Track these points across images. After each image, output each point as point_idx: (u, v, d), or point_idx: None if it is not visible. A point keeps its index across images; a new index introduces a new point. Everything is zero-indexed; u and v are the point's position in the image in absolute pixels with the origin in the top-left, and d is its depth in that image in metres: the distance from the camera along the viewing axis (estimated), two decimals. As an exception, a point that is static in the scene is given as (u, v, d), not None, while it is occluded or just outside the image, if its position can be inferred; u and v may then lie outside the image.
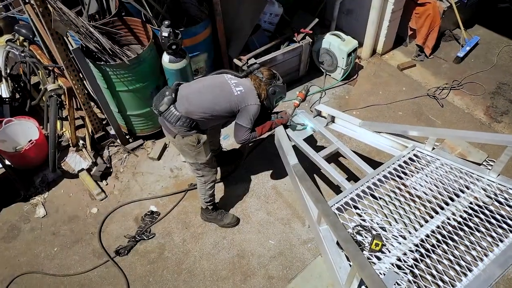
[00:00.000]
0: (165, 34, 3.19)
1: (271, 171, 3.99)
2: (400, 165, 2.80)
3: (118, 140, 4.25)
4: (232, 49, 4.19)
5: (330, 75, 4.87)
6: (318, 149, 3.13)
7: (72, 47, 3.15)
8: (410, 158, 2.86)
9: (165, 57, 3.49)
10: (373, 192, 2.61)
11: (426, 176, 2.70)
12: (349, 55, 4.46)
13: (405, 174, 2.72)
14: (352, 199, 2.59)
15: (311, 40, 4.42)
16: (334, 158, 3.92)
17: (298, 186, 2.79)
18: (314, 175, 3.87)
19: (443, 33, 5.37)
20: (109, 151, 4.30)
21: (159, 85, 3.81)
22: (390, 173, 2.76)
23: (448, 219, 2.41)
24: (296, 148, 3.11)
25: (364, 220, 2.45)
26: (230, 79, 2.92)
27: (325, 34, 4.64)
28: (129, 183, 4.00)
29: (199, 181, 3.23)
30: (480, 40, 5.32)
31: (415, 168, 2.80)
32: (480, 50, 5.26)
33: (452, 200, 2.50)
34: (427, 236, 2.34)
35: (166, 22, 3.17)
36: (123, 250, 3.43)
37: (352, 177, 3.87)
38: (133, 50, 3.83)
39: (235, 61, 4.11)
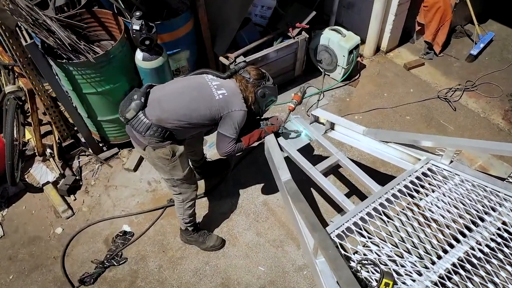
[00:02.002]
0: (136, 27, 2.85)
1: (262, 184, 3.67)
2: (412, 182, 2.46)
3: (90, 149, 3.87)
4: (218, 46, 3.85)
5: (329, 75, 4.62)
6: (315, 159, 2.77)
7: (26, 42, 2.77)
8: (423, 173, 2.52)
9: (139, 54, 3.15)
10: (381, 215, 2.26)
11: (444, 195, 2.36)
12: (350, 52, 4.20)
13: (418, 192, 2.39)
14: (355, 223, 2.25)
15: (307, 36, 4.12)
16: (334, 168, 3.55)
17: (291, 207, 2.43)
18: (311, 188, 3.54)
19: (454, 29, 5.11)
20: (79, 161, 3.95)
21: (134, 87, 3.41)
22: (400, 191, 2.42)
23: (473, 249, 2.06)
24: (290, 160, 2.77)
25: (370, 251, 2.09)
26: (211, 80, 2.56)
27: (324, 29, 4.36)
28: (101, 198, 3.66)
29: (177, 199, 2.88)
30: (495, 36, 5.04)
31: (430, 185, 2.46)
32: (495, 47, 4.99)
33: (476, 225, 2.17)
34: (448, 271, 2.00)
35: (138, 13, 2.83)
36: (88, 278, 3.08)
37: (355, 191, 3.54)
38: (104, 47, 3.47)
39: (221, 59, 3.77)
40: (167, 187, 3.11)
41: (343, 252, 1.99)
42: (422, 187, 2.43)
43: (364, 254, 2.02)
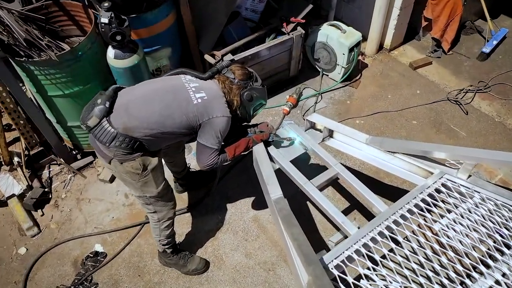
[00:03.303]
0: (104, 20, 2.55)
1: (253, 198, 3.38)
2: (424, 200, 2.19)
3: (61, 158, 3.56)
4: (203, 43, 3.55)
5: (327, 75, 4.40)
6: (313, 169, 2.47)
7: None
8: (437, 190, 2.25)
9: (110, 52, 2.86)
10: (388, 241, 1.97)
11: (462, 216, 2.08)
12: (350, 50, 3.96)
13: (431, 213, 2.10)
14: (357, 251, 1.98)
15: (303, 32, 3.84)
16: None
17: (282, 230, 2.12)
18: (308, 202, 3.25)
19: (463, 25, 4.88)
20: (49, 171, 3.63)
21: (108, 88, 3.13)
22: (410, 211, 2.15)
23: (498, 283, 1.79)
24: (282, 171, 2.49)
25: (376, 286, 1.79)
26: (189, 81, 2.26)
27: (322, 25, 4.12)
28: (71, 214, 3.37)
29: (152, 218, 2.59)
30: (509, 32, 4.80)
31: (445, 203, 2.18)
32: (509, 44, 4.74)
33: (502, 253, 1.89)
34: (470, 313, 1.70)
35: (106, 4, 2.53)
36: (52, 307, 2.74)
37: (357, 205, 3.27)
38: (74, 43, 3.15)
39: (207, 57, 3.47)
40: (140, 205, 2.79)
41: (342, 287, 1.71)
42: (436, 206, 2.15)
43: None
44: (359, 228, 2.89)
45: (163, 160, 3.21)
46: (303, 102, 4.11)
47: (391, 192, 3.32)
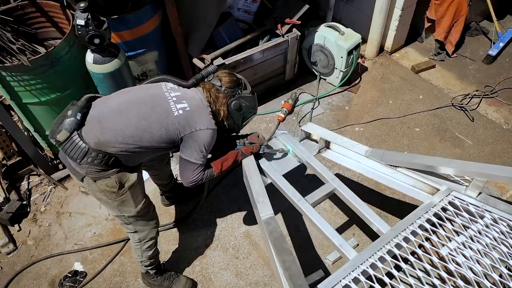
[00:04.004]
0: (80, 22, 2.39)
1: (245, 212, 3.21)
2: (429, 221, 2.02)
3: (40, 169, 3.38)
4: (192, 45, 3.39)
5: (325, 80, 4.28)
6: (309, 180, 2.30)
7: None
8: (443, 209, 2.07)
9: (89, 56, 2.70)
10: (390, 267, 1.80)
11: (472, 240, 1.90)
12: (349, 53, 3.84)
13: (437, 234, 1.94)
14: (355, 279, 1.78)
15: (299, 34, 3.69)
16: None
17: (272, 254, 1.95)
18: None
19: (468, 26, 4.77)
20: (28, 183, 3.45)
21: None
22: (414, 233, 1.98)
23: None
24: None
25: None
26: (170, 90, 2.08)
27: (319, 26, 3.98)
28: (51, 229, 3.20)
29: (132, 238, 2.42)
30: None
31: (453, 224, 2.00)
32: (517, 47, 4.63)
33: None
34: None
35: (82, 5, 2.35)
36: (25, 334, 2.56)
37: (355, 219, 3.11)
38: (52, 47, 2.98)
39: (195, 61, 3.31)
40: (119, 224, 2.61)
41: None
42: (443, 227, 1.98)
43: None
44: (358, 244, 2.72)
45: (146, 174, 3.05)
46: (299, 108, 3.97)
47: (393, 205, 3.18)
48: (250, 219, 3.14)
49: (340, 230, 3.07)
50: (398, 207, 3.15)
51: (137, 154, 2.04)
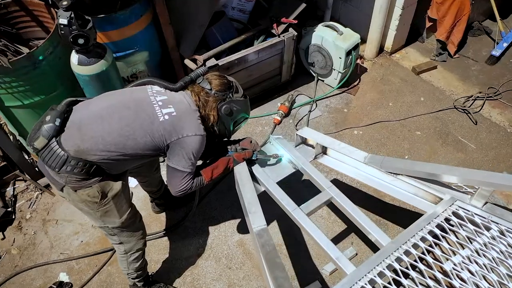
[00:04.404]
0: (63, 21, 2.28)
1: (238, 219, 3.11)
2: (432, 233, 1.93)
3: (26, 174, 3.27)
4: (184, 46, 3.29)
5: (323, 81, 4.21)
6: (305, 185, 2.20)
7: None
8: (447, 219, 1.98)
9: (73, 57, 2.59)
10: (390, 284, 1.70)
11: (478, 253, 1.81)
12: (348, 53, 3.76)
13: (440, 247, 1.85)
14: None
15: (295, 34, 3.59)
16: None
17: (264, 269, 1.85)
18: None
19: (470, 26, 4.71)
20: (14, 189, 3.35)
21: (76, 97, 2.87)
22: (416, 246, 1.88)
23: None
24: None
25: None
26: (155, 94, 1.97)
27: (317, 26, 3.90)
28: (36, 237, 3.10)
29: (118, 250, 2.33)
30: None
31: (457, 236, 1.90)
32: (521, 47, 4.55)
33: None
34: None
35: (64, 3, 2.24)
36: None
37: (354, 227, 2.91)
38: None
39: (187, 62, 3.20)
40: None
41: None
42: (446, 239, 1.89)
43: None
44: (356, 254, 2.61)
45: (134, 181, 2.95)
46: (296, 111, 3.89)
47: (393, 212, 3.09)
48: (244, 227, 3.03)
49: (338, 238, 2.97)
50: (399, 214, 3.06)
51: (120, 162, 1.94)
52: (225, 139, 2.30)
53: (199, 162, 2.22)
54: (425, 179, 2.11)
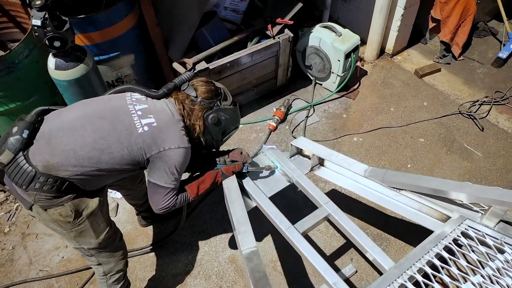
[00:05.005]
0: (36, 22, 2.13)
1: (230, 233, 2.97)
2: (439, 255, 1.78)
3: (5, 185, 3.12)
4: (172, 48, 3.16)
5: (321, 85, 4.13)
6: (301, 199, 2.05)
7: None
8: (455, 241, 1.83)
9: (50, 61, 2.46)
10: (394, 315, 1.54)
11: (490, 280, 1.66)
12: (347, 56, 3.68)
13: (449, 272, 1.69)
14: None
15: (291, 35, 3.48)
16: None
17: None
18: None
19: (475, 26, 4.65)
20: (-8, 199, 3.21)
21: (57, 103, 2.74)
22: (421, 271, 1.70)
23: None
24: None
25: None
26: (134, 102, 1.83)
27: (314, 27, 3.80)
28: (14, 252, 2.96)
29: (96, 271, 2.19)
30: None
31: (467, 259, 1.74)
32: (528, 48, 4.47)
33: None
34: None
35: (38, 2, 2.09)
36: None
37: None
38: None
39: (176, 65, 3.07)
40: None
41: None
42: (456, 263, 1.75)
43: None
44: (356, 271, 2.47)
45: (118, 193, 2.79)
46: (292, 116, 3.79)
47: (395, 225, 2.96)
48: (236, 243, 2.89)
49: (337, 254, 2.84)
50: (402, 228, 2.93)
51: (96, 177, 1.78)
52: (213, 150, 2.15)
53: (186, 175, 2.07)
54: (431, 195, 1.97)
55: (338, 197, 3.12)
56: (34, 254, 2.93)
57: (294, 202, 2.88)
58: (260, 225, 1.86)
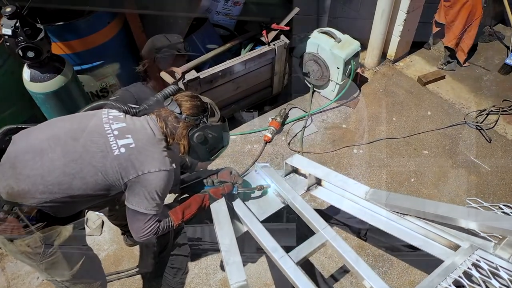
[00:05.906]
0: (7, 31, 2.01)
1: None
2: None
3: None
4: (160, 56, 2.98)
5: (319, 93, 4.09)
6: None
7: None
8: (465, 273, 1.70)
9: (25, 72, 2.36)
10: None
11: (506, 320, 1.53)
12: (347, 63, 3.64)
13: None
14: None
15: (287, 42, 3.41)
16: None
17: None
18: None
19: (481, 31, 4.57)
20: (-31, 217, 3.06)
21: (36, 116, 2.64)
22: None
23: None
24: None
25: None
26: (111, 121, 1.69)
27: (312, 32, 3.74)
28: (-9, 275, 2.82)
29: None
30: None
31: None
32: (537, 54, 4.43)
33: None
34: None
35: (8, 9, 1.98)
36: None
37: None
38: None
39: (163, 75, 2.95)
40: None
41: None
42: None
43: None
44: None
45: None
46: (289, 127, 3.72)
47: (399, 245, 2.80)
48: (228, 264, 2.76)
49: (335, 277, 2.73)
50: (405, 248, 2.78)
51: (68, 204, 1.64)
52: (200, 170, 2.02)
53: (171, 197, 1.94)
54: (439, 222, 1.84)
55: (337, 210, 3.01)
56: (12, 276, 2.81)
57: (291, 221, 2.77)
58: (255, 243, 1.74)
